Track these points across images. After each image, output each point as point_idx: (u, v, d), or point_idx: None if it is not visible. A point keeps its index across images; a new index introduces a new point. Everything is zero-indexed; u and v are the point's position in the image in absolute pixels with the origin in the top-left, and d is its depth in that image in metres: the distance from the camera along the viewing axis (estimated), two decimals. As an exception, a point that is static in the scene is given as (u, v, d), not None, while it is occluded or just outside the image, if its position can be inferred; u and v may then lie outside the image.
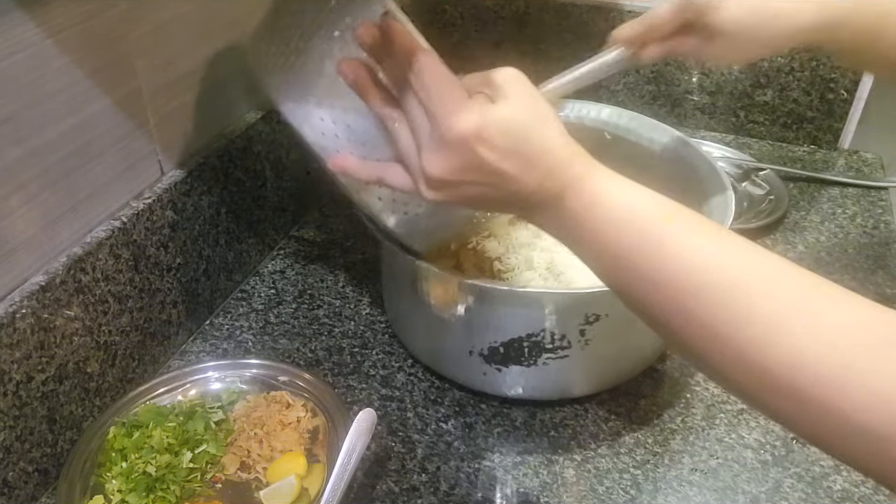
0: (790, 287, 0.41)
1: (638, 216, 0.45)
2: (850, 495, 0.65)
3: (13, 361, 0.57)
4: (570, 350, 0.67)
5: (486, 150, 0.46)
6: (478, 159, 0.46)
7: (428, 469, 0.67)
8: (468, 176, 0.48)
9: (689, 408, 0.73)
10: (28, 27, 0.56)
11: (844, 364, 0.37)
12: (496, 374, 0.70)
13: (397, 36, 0.48)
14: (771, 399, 0.40)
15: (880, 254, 0.95)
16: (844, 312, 0.39)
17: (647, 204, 0.46)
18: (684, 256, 0.43)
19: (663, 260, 0.43)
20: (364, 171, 0.54)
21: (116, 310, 0.68)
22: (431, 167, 0.48)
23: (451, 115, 0.46)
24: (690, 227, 0.45)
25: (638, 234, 0.45)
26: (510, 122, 0.46)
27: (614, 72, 0.68)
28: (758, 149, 1.17)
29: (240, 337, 0.80)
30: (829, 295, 0.40)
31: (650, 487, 0.66)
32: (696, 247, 0.43)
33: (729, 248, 0.43)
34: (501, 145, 0.46)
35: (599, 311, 0.65)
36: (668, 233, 0.44)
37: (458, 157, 0.47)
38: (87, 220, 0.65)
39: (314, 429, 0.67)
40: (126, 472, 0.61)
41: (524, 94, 0.48)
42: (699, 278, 0.42)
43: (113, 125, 0.66)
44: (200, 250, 0.79)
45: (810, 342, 0.38)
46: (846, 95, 1.12)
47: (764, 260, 0.42)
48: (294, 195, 0.95)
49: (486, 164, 0.47)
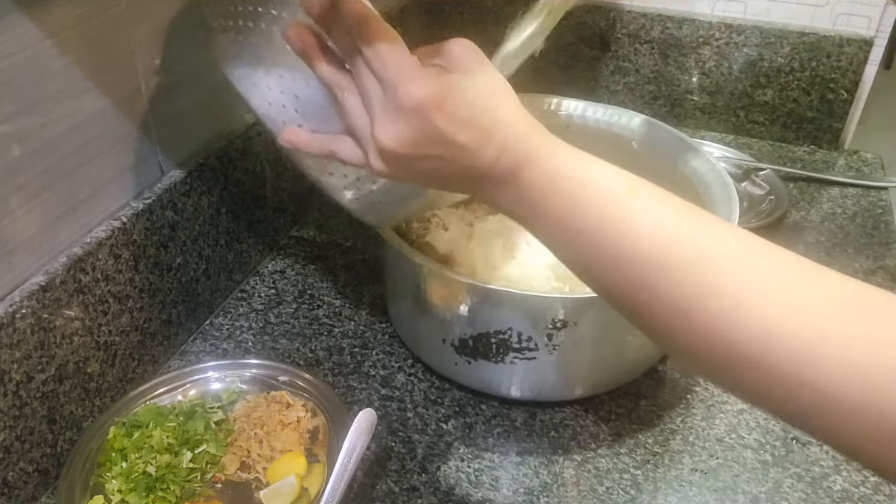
0: (759, 261, 0.40)
1: (599, 189, 0.44)
2: (850, 495, 0.65)
3: (13, 361, 0.57)
4: (536, 353, 0.67)
5: (444, 119, 0.43)
6: (434, 130, 0.44)
7: (428, 469, 0.67)
8: (423, 149, 0.45)
9: (690, 408, 0.73)
10: (28, 27, 0.56)
11: (816, 337, 0.36)
12: (466, 366, 0.70)
13: (345, 1, 0.45)
14: (740, 376, 0.39)
15: (880, 254, 0.95)
16: (816, 286, 0.38)
17: (608, 177, 0.44)
18: (647, 230, 0.42)
19: (626, 234, 0.42)
20: (313, 145, 0.52)
21: (116, 310, 0.68)
22: (384, 137, 0.45)
23: (408, 83, 0.43)
24: (654, 200, 0.43)
25: (599, 208, 0.43)
26: (468, 92, 0.44)
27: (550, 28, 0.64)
28: (758, 149, 1.17)
29: (240, 337, 0.80)
30: (800, 268, 0.39)
31: (650, 487, 0.66)
32: (660, 220, 0.42)
33: (694, 221, 0.42)
34: (459, 115, 0.44)
35: (567, 318, 0.64)
36: (630, 206, 0.43)
37: (414, 127, 0.44)
38: (87, 220, 0.65)
39: (314, 429, 0.67)
40: (126, 472, 0.61)
41: (481, 65, 0.46)
42: (663, 253, 0.41)
43: (113, 125, 0.66)
44: (200, 250, 0.79)
45: (781, 316, 0.37)
46: (846, 95, 1.13)
47: (730, 234, 0.41)
48: (294, 195, 0.95)
49: (442, 135, 0.44)
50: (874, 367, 0.35)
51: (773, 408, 0.39)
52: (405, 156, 0.45)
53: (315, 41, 0.48)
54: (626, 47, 1.18)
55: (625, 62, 1.19)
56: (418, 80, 0.43)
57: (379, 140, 0.45)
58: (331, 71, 0.48)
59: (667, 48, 1.17)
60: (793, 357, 0.36)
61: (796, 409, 0.38)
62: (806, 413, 0.37)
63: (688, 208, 0.43)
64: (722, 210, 0.71)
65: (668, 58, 1.17)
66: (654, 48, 1.17)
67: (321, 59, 0.48)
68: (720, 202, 0.72)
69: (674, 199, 0.44)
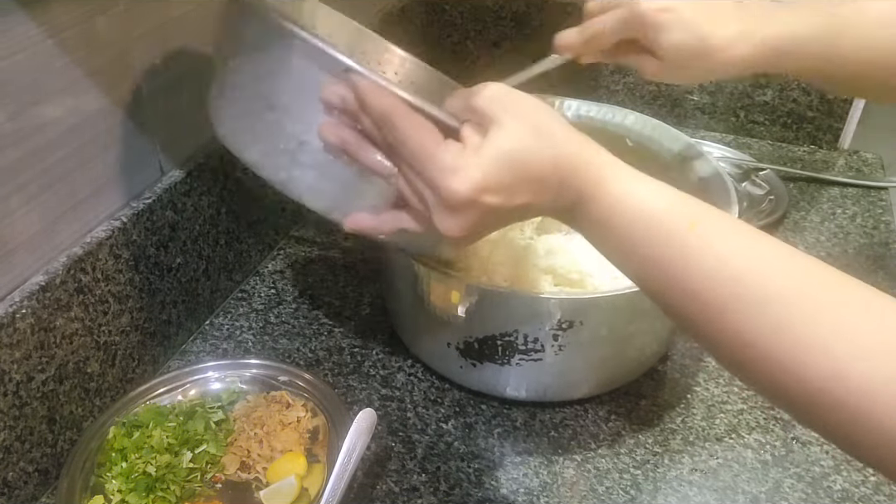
0: (826, 296, 0.39)
1: (660, 224, 0.44)
2: (850, 495, 0.65)
3: (13, 361, 0.57)
4: (543, 354, 0.67)
5: (495, 197, 0.45)
6: (490, 209, 0.46)
7: (428, 469, 0.67)
8: (486, 222, 0.47)
9: (690, 408, 0.73)
10: (28, 27, 0.56)
11: (886, 377, 0.35)
12: (471, 369, 0.70)
13: (368, 96, 0.46)
14: (804, 409, 0.39)
15: (880, 254, 0.95)
16: (884, 320, 0.38)
17: (669, 207, 0.44)
18: (711, 265, 0.41)
19: (690, 269, 0.42)
20: (383, 227, 0.52)
21: (116, 310, 0.68)
22: (447, 230, 0.47)
23: (448, 180, 0.44)
24: (717, 231, 0.43)
25: (663, 242, 0.43)
26: (508, 155, 0.45)
27: None
28: (758, 149, 1.17)
29: (240, 337, 0.80)
30: (866, 301, 0.38)
31: (650, 487, 0.66)
32: (724, 256, 0.41)
33: (758, 253, 0.42)
34: (508, 184, 0.45)
35: (573, 318, 0.64)
36: (692, 243, 0.42)
37: (471, 216, 0.46)
38: (87, 221, 0.65)
39: (314, 429, 0.67)
40: (126, 472, 0.61)
41: (514, 113, 0.46)
42: (728, 289, 0.40)
43: (113, 125, 0.66)
44: (200, 250, 0.79)
45: (849, 356, 0.37)
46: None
47: (798, 266, 0.41)
48: (294, 195, 0.95)
49: (499, 208, 0.46)
50: None
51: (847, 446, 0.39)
52: (472, 233, 0.47)
53: (353, 134, 0.49)
54: (626, 47, 1.18)
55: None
56: (458, 174, 0.44)
57: (443, 232, 0.47)
58: (378, 161, 0.49)
59: (667, 48, 1.16)
60: (863, 397, 0.36)
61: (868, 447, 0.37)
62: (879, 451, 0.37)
63: (751, 239, 0.43)
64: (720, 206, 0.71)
65: (668, 58, 1.17)
66: (654, 48, 1.17)
67: (364, 152, 0.49)
68: (720, 202, 0.72)
69: (738, 230, 0.43)
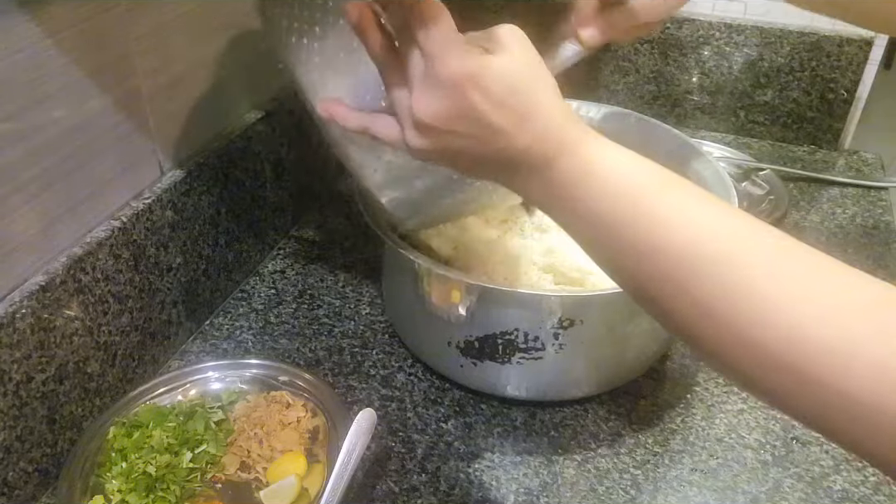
0: (792, 262, 0.39)
1: (633, 183, 0.44)
2: (850, 495, 0.65)
3: (13, 361, 0.57)
4: (543, 352, 0.67)
5: (480, 96, 0.44)
6: (469, 105, 0.44)
7: (428, 469, 0.67)
8: (457, 124, 0.45)
9: (689, 408, 0.73)
10: (28, 27, 0.56)
11: (848, 339, 0.35)
12: (471, 368, 0.70)
13: None
14: (767, 377, 0.38)
15: (880, 254, 0.95)
16: (848, 287, 0.37)
17: (642, 173, 0.44)
18: (679, 224, 0.41)
19: (657, 228, 0.42)
20: (351, 119, 0.52)
21: (116, 310, 0.68)
22: (420, 108, 0.45)
23: (448, 55, 0.44)
24: (687, 196, 0.43)
25: (632, 201, 0.43)
26: (507, 73, 0.45)
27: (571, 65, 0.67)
28: (758, 149, 1.17)
29: (240, 337, 0.80)
30: (832, 269, 0.38)
31: (650, 487, 0.66)
32: (693, 216, 0.42)
33: (729, 218, 0.42)
34: (496, 94, 0.44)
35: (574, 316, 0.64)
36: (663, 200, 0.42)
37: (450, 100, 0.44)
38: (86, 220, 0.65)
39: (314, 429, 0.67)
40: (126, 472, 0.61)
41: (525, 50, 0.46)
42: (695, 248, 0.40)
43: (113, 125, 0.66)
44: (200, 250, 0.79)
45: (811, 317, 0.36)
46: (846, 95, 1.12)
47: (765, 233, 0.41)
48: (294, 195, 0.95)
49: (477, 112, 0.44)
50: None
51: (806, 414, 0.38)
52: (438, 130, 0.45)
53: (371, 17, 0.48)
54: (626, 47, 1.18)
55: (625, 62, 1.19)
56: (458, 55, 0.44)
57: (415, 110, 0.46)
58: (381, 48, 0.48)
59: (667, 48, 1.17)
60: (823, 360, 0.36)
61: (825, 414, 0.37)
62: (835, 417, 0.36)
63: (723, 206, 0.43)
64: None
65: (668, 58, 1.17)
66: (653, 48, 1.17)
67: (374, 36, 0.48)
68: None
69: (709, 197, 0.43)
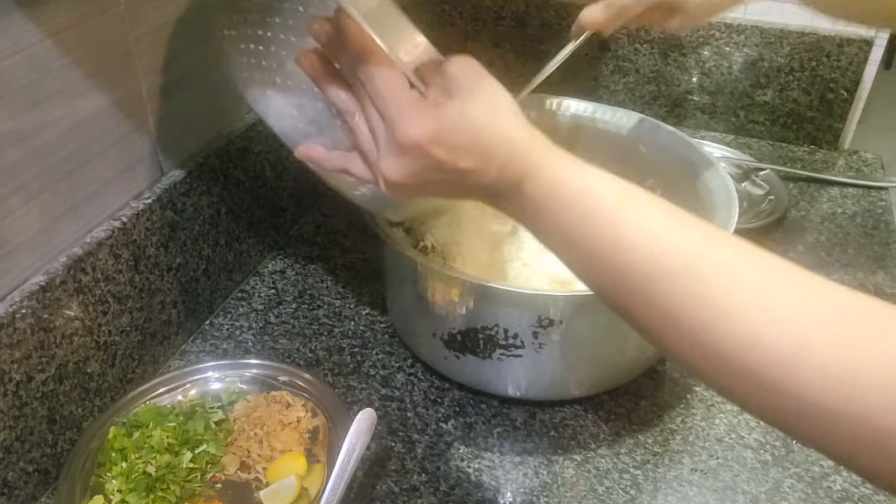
0: (746, 270, 0.41)
1: (592, 201, 0.45)
2: (850, 495, 0.65)
3: (13, 361, 0.57)
4: (523, 350, 0.67)
5: (444, 152, 0.46)
6: (435, 162, 0.46)
7: (428, 469, 0.67)
8: (427, 176, 0.47)
9: (689, 408, 0.73)
10: (28, 27, 0.56)
11: (797, 344, 0.37)
12: (455, 361, 0.71)
13: (349, 35, 0.48)
14: (728, 382, 0.40)
15: (880, 254, 0.95)
16: (799, 293, 0.39)
17: (600, 187, 0.45)
18: (637, 240, 0.43)
19: (616, 244, 0.43)
20: (329, 162, 0.55)
21: (116, 310, 0.68)
22: (390, 172, 0.48)
23: (405, 121, 0.46)
24: (645, 210, 0.44)
25: (592, 219, 0.45)
26: (465, 119, 0.46)
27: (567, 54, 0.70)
28: (758, 149, 1.17)
29: (240, 337, 0.80)
30: (787, 276, 0.40)
31: (650, 487, 0.66)
32: (650, 230, 0.43)
33: (684, 231, 0.43)
34: (459, 145, 0.46)
35: (553, 316, 0.64)
36: (620, 215, 0.44)
37: (415, 162, 0.47)
38: (87, 220, 0.65)
39: (314, 429, 0.67)
40: (126, 472, 0.61)
41: (480, 84, 0.47)
42: (653, 263, 0.42)
43: (113, 125, 0.66)
44: (200, 250, 0.79)
45: (764, 323, 0.38)
46: (846, 95, 1.12)
47: (720, 242, 0.42)
48: (294, 195, 0.95)
49: (443, 165, 0.46)
50: (853, 374, 0.35)
51: (764, 415, 0.40)
52: (411, 185, 0.48)
53: (324, 67, 0.51)
54: (626, 47, 1.18)
55: (625, 62, 1.19)
56: (415, 119, 0.46)
57: (385, 173, 0.48)
58: (339, 96, 0.51)
59: (667, 48, 1.17)
60: (775, 364, 0.37)
61: (784, 417, 0.39)
62: (793, 421, 0.38)
63: (680, 217, 0.44)
64: (722, 210, 0.71)
65: (668, 58, 1.17)
66: (654, 48, 1.17)
67: (330, 84, 0.51)
68: (720, 202, 0.72)
69: (666, 208, 0.45)
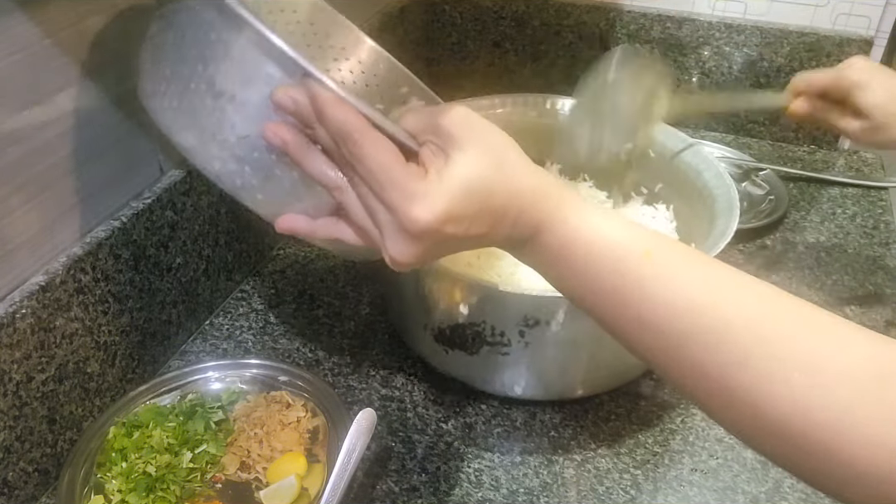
0: (785, 327, 0.39)
1: (613, 255, 0.43)
2: (850, 495, 0.65)
3: (13, 361, 0.57)
4: (509, 348, 0.67)
5: (454, 226, 0.43)
6: (449, 237, 0.43)
7: (428, 469, 0.67)
8: (440, 251, 0.45)
9: (689, 408, 0.73)
10: (27, 27, 0.56)
11: (842, 409, 0.36)
12: (443, 356, 0.71)
13: (327, 108, 0.42)
14: (767, 442, 0.39)
15: (880, 254, 0.95)
16: (842, 353, 0.38)
17: (622, 239, 0.43)
18: (667, 298, 0.41)
19: (643, 302, 0.41)
20: (318, 233, 0.49)
21: (116, 310, 0.68)
22: (401, 256, 0.44)
23: (412, 207, 0.42)
24: (671, 263, 0.42)
25: (614, 274, 0.42)
26: (472, 182, 0.43)
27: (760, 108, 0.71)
28: (758, 149, 1.17)
29: (240, 337, 0.80)
30: (826, 333, 0.38)
31: (650, 487, 0.66)
32: (678, 287, 0.41)
33: (715, 284, 0.41)
34: (469, 214, 0.43)
35: (539, 316, 0.64)
36: (646, 273, 0.42)
37: (427, 243, 0.44)
38: (87, 220, 0.65)
39: (314, 429, 0.67)
40: (126, 472, 0.61)
41: (478, 140, 0.44)
42: (683, 322, 0.40)
43: (112, 125, 0.66)
44: (200, 250, 0.79)
45: (807, 388, 0.36)
46: (846, 95, 1.12)
47: (755, 296, 0.41)
48: (294, 195, 0.95)
49: (456, 236, 0.44)
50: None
51: (806, 477, 0.39)
52: (423, 261, 0.45)
53: (299, 139, 0.45)
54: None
55: (625, 62, 1.19)
56: (422, 203, 0.42)
57: (393, 257, 0.45)
58: (326, 174, 0.45)
59: (667, 48, 1.17)
60: (819, 430, 0.36)
61: (827, 479, 0.37)
62: (837, 485, 0.37)
63: (708, 269, 0.42)
64: (723, 211, 0.71)
65: (668, 58, 1.17)
66: (654, 48, 1.17)
67: (310, 160, 0.45)
68: (720, 202, 0.72)
69: (693, 260, 0.43)
